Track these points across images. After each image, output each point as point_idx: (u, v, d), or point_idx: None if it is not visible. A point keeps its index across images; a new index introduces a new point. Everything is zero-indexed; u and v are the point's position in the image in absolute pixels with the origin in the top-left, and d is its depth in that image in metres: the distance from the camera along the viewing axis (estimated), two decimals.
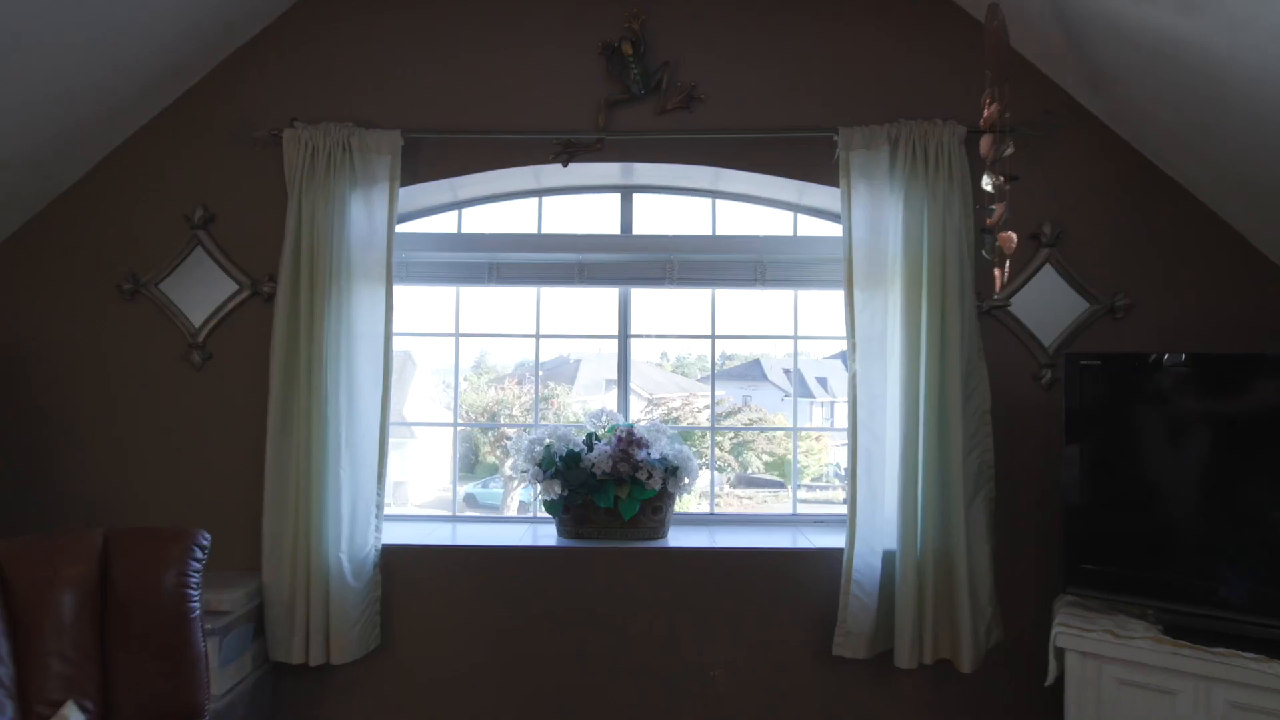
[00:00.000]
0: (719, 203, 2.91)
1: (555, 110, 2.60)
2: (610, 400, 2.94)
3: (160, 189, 2.60)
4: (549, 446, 2.60)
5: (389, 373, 2.53)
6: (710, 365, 3.08)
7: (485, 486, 3.61)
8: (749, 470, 4.01)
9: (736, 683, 2.53)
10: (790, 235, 2.88)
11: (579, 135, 2.57)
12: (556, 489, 2.55)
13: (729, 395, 3.87)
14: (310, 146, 2.49)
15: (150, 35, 2.32)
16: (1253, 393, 2.00)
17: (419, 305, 2.96)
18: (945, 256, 2.41)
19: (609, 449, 2.55)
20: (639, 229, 2.89)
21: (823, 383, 4.06)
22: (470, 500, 3.84)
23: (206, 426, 2.59)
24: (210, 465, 2.58)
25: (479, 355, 3.75)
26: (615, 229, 2.89)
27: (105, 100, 2.42)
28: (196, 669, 1.63)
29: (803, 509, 2.93)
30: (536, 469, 2.57)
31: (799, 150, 2.58)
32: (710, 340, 2.97)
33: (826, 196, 2.69)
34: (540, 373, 3.05)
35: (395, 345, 2.59)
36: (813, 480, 4.01)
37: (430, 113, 2.60)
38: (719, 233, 2.89)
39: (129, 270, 2.59)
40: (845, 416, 2.53)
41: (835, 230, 2.74)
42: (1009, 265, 2.11)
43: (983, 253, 2.12)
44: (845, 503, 2.52)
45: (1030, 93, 2.52)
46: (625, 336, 2.91)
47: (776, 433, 3.88)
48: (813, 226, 2.88)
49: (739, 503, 3.84)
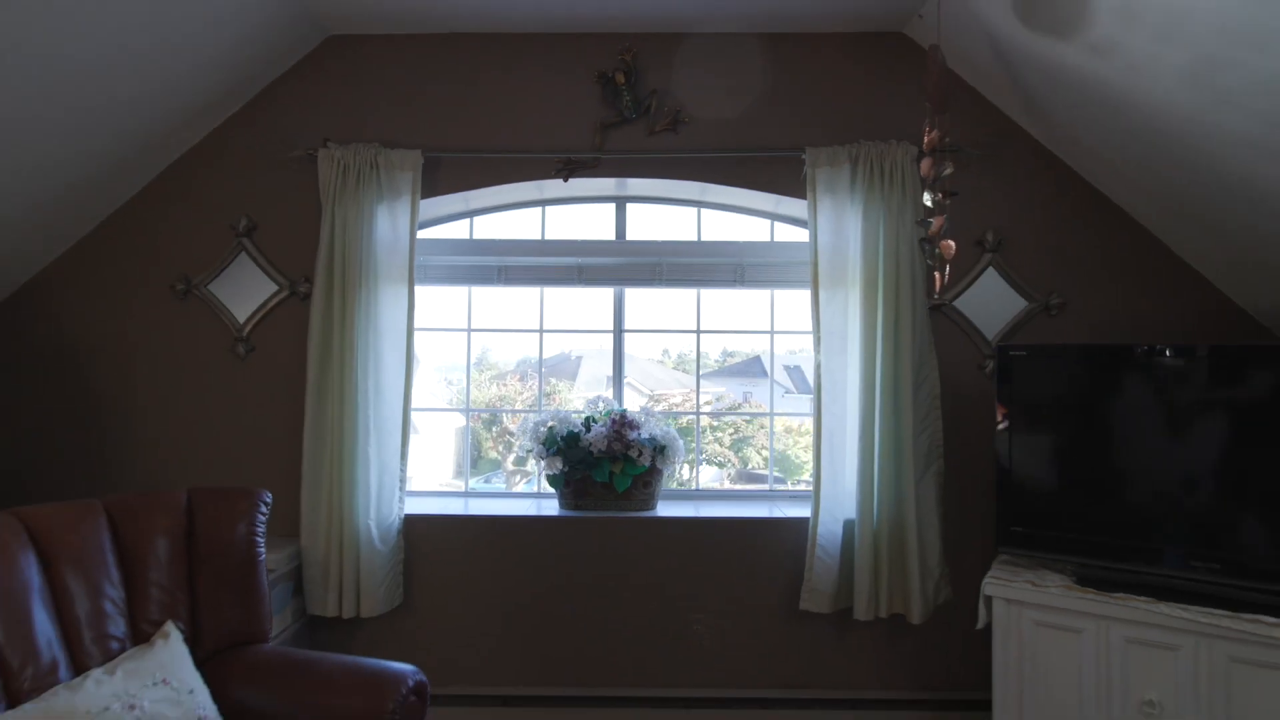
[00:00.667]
0: (704, 211, 3.21)
1: (557, 132, 2.91)
2: (610, 393, 3.24)
3: (209, 201, 2.93)
4: (552, 428, 2.93)
5: (411, 363, 2.85)
6: (707, 360, 3.37)
7: (487, 481, 3.68)
8: (749, 466, 4.20)
9: (716, 633, 2.85)
10: (767, 241, 3.18)
11: (578, 154, 2.89)
12: (558, 465, 2.88)
13: (730, 391, 3.86)
14: (342, 164, 2.80)
15: (200, 68, 2.65)
16: (1140, 378, 2.33)
17: (429, 304, 3.21)
18: (899, 260, 2.73)
19: (605, 430, 2.87)
20: (632, 235, 3.19)
21: None
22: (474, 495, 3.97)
23: (250, 410, 2.92)
24: (253, 444, 2.90)
25: (480, 352, 3.83)
26: (611, 235, 3.18)
27: (161, 124, 2.75)
28: (262, 602, 1.97)
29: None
30: (541, 447, 2.90)
31: (773, 167, 2.89)
32: (695, 335, 3.28)
33: (798, 207, 2.99)
34: (543, 369, 3.34)
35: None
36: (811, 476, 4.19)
37: (447, 134, 2.91)
38: (704, 239, 3.20)
39: (182, 273, 2.93)
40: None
41: (807, 237, 3.03)
42: (949, 270, 2.43)
43: (925, 260, 2.46)
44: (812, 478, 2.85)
45: (975, 116, 2.84)
46: (620, 331, 3.22)
47: (777, 429, 4.09)
48: (788, 233, 3.18)
49: None
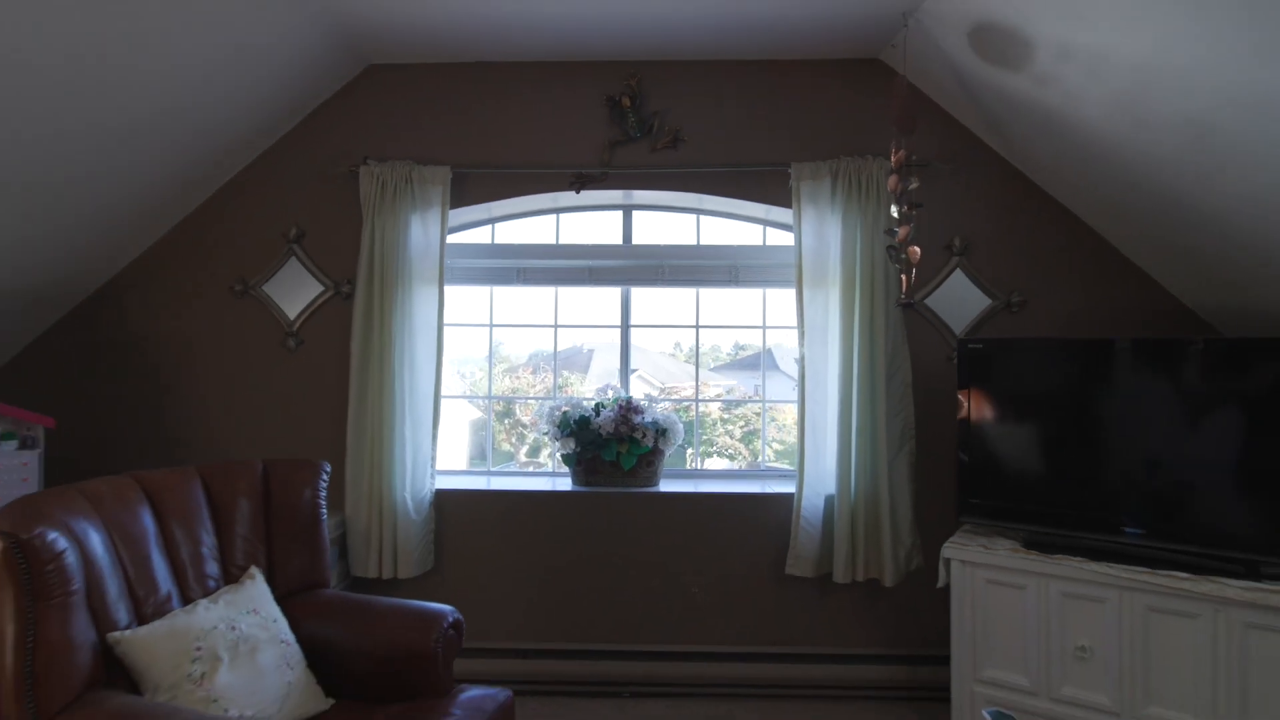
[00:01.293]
0: (702, 218, 3.55)
1: (570, 149, 3.25)
2: (618, 383, 3.58)
3: (263, 212, 3.30)
4: (565, 413, 3.29)
5: (441, 355, 3.21)
6: (719, 355, 3.70)
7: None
8: (759, 460, 4.41)
9: (711, 595, 3.21)
10: (759, 245, 3.52)
11: (589, 169, 3.24)
12: (571, 445, 3.24)
13: (740, 384, 4.03)
14: (380, 179, 3.17)
15: (259, 97, 3.02)
16: (1077, 369, 2.65)
17: (453, 302, 3.46)
18: (874, 264, 3.05)
19: (612, 414, 3.23)
20: (637, 240, 3.53)
21: None
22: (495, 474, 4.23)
23: (298, 396, 3.29)
24: (301, 426, 3.28)
25: (493, 347, 3.93)
26: (618, 240, 3.52)
27: (223, 146, 3.12)
28: (324, 554, 2.34)
29: None
30: (556, 429, 3.26)
31: (762, 179, 3.22)
32: (695, 330, 3.63)
33: (787, 215, 3.29)
34: (557, 361, 3.69)
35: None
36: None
37: (473, 151, 3.25)
38: (702, 243, 3.53)
39: (239, 275, 3.31)
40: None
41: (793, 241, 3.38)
42: (914, 273, 2.77)
43: (893, 264, 2.79)
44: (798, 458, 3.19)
45: (944, 134, 3.16)
46: (626, 326, 3.58)
47: (787, 421, 4.31)
48: (778, 238, 3.52)
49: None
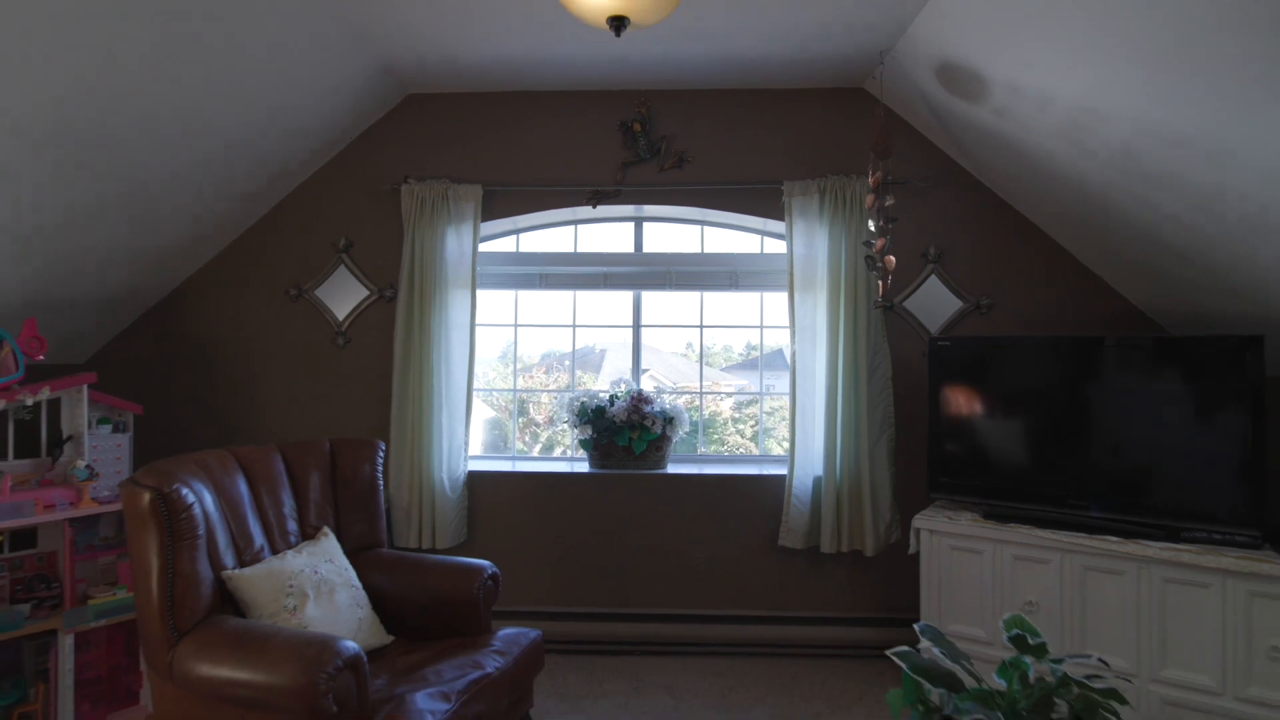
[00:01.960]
0: (705, 228, 3.93)
1: (587, 169, 3.65)
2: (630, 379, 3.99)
3: (316, 224, 3.72)
4: (583, 403, 3.70)
5: (473, 351, 3.61)
6: (731, 354, 4.08)
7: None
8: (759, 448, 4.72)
9: (712, 565, 3.61)
10: (757, 253, 3.91)
11: (604, 186, 3.64)
12: (589, 432, 3.65)
13: (751, 383, 4.24)
14: (419, 196, 3.58)
15: (312, 123, 3.44)
16: (1030, 363, 3.03)
17: (480, 305, 3.92)
18: (856, 271, 3.44)
19: (625, 404, 3.63)
20: (648, 248, 3.91)
21: None
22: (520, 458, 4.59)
23: (346, 388, 3.71)
24: (350, 415, 3.69)
25: (506, 346, 4.15)
26: (630, 248, 3.91)
27: (280, 167, 3.54)
28: (380, 519, 2.76)
29: None
30: (574, 418, 3.66)
31: (758, 195, 3.61)
32: (699, 329, 4.03)
33: (781, 226, 3.69)
34: (573, 358, 4.09)
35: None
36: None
37: (501, 171, 3.66)
38: (705, 250, 3.92)
39: (294, 280, 3.73)
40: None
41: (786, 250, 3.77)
42: (890, 279, 3.16)
43: (871, 272, 3.18)
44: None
45: (921, 154, 3.54)
46: (638, 326, 3.97)
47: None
48: (774, 246, 3.90)
49: None
